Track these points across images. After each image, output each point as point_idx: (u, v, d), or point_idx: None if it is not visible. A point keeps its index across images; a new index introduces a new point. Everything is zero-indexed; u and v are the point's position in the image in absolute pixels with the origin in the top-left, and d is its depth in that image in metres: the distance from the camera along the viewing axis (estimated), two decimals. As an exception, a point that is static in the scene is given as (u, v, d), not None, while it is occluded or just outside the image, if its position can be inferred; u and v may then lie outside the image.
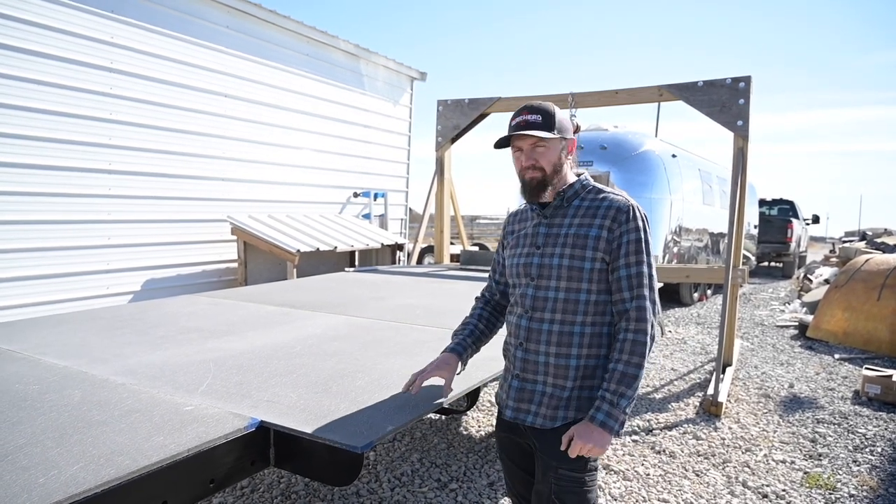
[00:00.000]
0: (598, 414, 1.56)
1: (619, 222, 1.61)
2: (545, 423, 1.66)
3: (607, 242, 1.61)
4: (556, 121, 1.66)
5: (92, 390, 1.91)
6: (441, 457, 3.43)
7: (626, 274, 1.60)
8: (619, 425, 1.56)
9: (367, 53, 8.58)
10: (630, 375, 1.56)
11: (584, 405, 1.64)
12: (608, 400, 1.56)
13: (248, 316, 3.22)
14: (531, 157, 1.66)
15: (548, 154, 1.66)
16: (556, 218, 1.70)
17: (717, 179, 10.25)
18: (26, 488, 1.26)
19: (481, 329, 1.93)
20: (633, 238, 1.61)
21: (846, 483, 3.22)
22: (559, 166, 1.68)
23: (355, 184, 8.67)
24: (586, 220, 1.65)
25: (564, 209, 1.70)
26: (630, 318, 1.59)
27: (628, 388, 1.55)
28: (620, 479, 3.22)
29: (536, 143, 1.65)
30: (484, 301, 1.99)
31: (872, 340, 6.10)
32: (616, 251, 1.61)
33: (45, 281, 5.23)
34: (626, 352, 1.57)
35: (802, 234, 15.10)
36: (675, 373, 5.36)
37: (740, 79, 4.88)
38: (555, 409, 1.65)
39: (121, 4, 5.63)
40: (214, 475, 1.55)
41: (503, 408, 1.77)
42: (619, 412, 1.55)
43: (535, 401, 1.68)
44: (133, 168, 5.84)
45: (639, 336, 1.58)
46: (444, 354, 1.87)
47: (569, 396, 1.64)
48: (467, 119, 6.21)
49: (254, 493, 2.98)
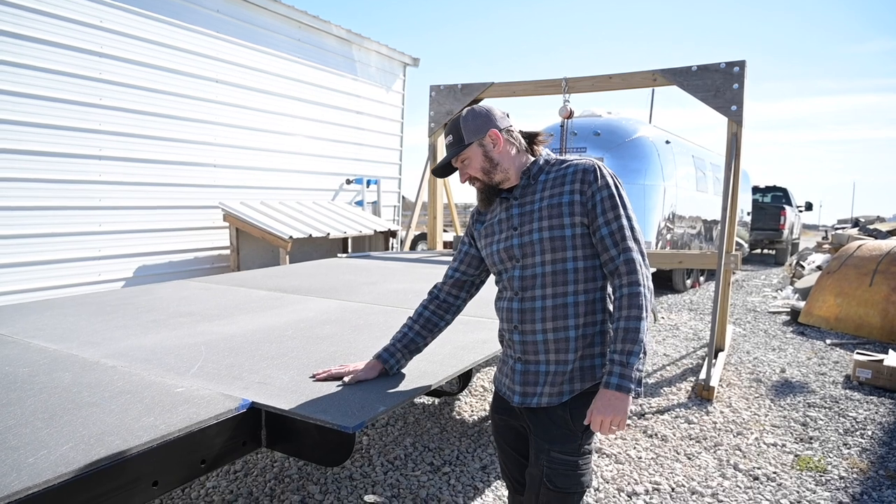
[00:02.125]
0: (612, 378, 1.52)
1: (587, 183, 1.61)
2: (552, 401, 1.64)
3: (581, 205, 1.61)
4: (463, 130, 1.70)
5: (82, 372, 1.89)
6: (434, 441, 3.44)
7: (608, 231, 1.59)
8: (637, 384, 1.51)
9: (360, 39, 8.50)
10: (633, 329, 1.52)
11: (587, 375, 1.63)
12: (618, 361, 1.52)
13: (239, 300, 3.20)
14: (464, 174, 1.72)
15: (472, 164, 1.70)
16: (526, 197, 1.70)
17: (710, 166, 10.26)
18: (15, 468, 1.26)
19: (416, 330, 1.93)
20: (606, 195, 1.60)
21: (836, 465, 3.25)
22: (491, 164, 1.69)
23: (348, 170, 8.62)
24: (556, 190, 1.65)
25: (533, 186, 1.70)
26: (621, 273, 1.58)
27: (634, 344, 1.51)
28: (612, 462, 3.24)
29: (461, 158, 1.71)
30: (430, 298, 1.97)
31: (864, 326, 6.14)
32: (592, 212, 1.61)
33: (36, 268, 5.19)
34: (623, 308, 1.55)
35: (795, 222, 15.14)
36: (668, 358, 5.38)
37: (734, 63, 4.86)
38: (560, 385, 1.63)
39: (109, -13, 5.56)
40: (205, 456, 1.54)
41: (510, 394, 1.74)
42: (632, 370, 1.50)
43: (540, 381, 1.66)
44: (124, 154, 5.79)
45: (633, 288, 1.55)
46: (369, 362, 1.94)
47: (572, 369, 1.63)
48: (460, 104, 6.17)
49: (247, 477, 2.99)
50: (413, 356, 1.96)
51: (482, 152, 1.69)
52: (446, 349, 2.25)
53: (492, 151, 1.69)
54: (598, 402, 1.53)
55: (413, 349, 1.94)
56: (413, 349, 1.94)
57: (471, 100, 6.12)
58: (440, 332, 1.96)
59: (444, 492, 2.86)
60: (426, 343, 1.95)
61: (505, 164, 1.70)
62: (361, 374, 1.89)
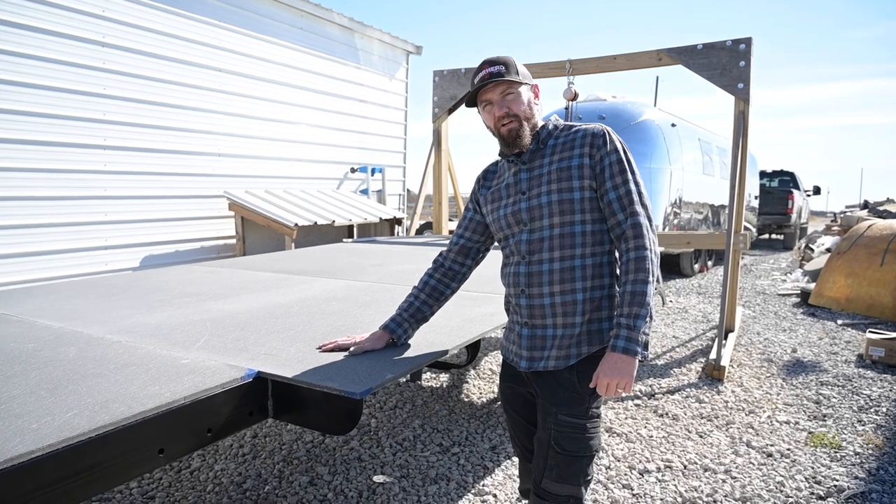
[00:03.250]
0: (618, 341, 1.51)
1: (596, 147, 1.60)
2: (559, 364, 1.62)
3: (590, 169, 1.60)
4: (516, 66, 1.65)
5: (87, 347, 1.88)
6: (443, 423, 3.42)
7: (616, 196, 1.58)
8: (643, 347, 1.51)
9: (362, 27, 8.45)
10: (639, 293, 1.52)
11: (594, 338, 1.61)
12: (624, 325, 1.51)
13: (245, 282, 3.18)
14: (503, 106, 1.63)
15: (518, 101, 1.64)
16: (535, 161, 1.68)
17: (717, 150, 10.15)
18: (19, 433, 1.24)
19: (422, 299, 1.90)
20: (615, 159, 1.59)
21: (851, 442, 3.21)
22: (530, 113, 1.67)
23: (352, 159, 8.59)
24: (566, 154, 1.64)
25: (542, 150, 1.68)
26: (628, 237, 1.56)
27: (641, 308, 1.51)
28: (623, 441, 3.21)
29: (506, 91, 1.63)
30: (435, 266, 1.94)
31: (875, 306, 6.08)
32: (601, 175, 1.59)
33: (43, 257, 5.20)
34: (630, 271, 1.54)
35: (803, 206, 15.00)
36: (677, 340, 5.34)
37: (741, 41, 4.80)
38: (567, 349, 1.62)
39: (110, -24, 5.53)
40: (212, 425, 1.52)
41: (517, 360, 1.72)
42: (638, 333, 1.50)
43: (547, 346, 1.64)
44: (129, 144, 5.78)
45: (640, 252, 1.54)
46: (375, 332, 1.90)
47: (579, 332, 1.61)
48: (464, 89, 6.12)
49: (256, 459, 2.98)
50: (420, 325, 1.94)
51: (528, 97, 1.67)
52: (454, 322, 2.22)
53: (533, 101, 1.68)
54: (604, 365, 1.53)
55: (420, 318, 1.91)
56: (420, 318, 1.91)
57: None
58: (446, 300, 1.94)
59: (454, 471, 2.84)
60: (432, 312, 1.93)
61: (536, 118, 1.69)
62: (368, 345, 1.86)
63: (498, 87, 1.63)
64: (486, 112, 1.68)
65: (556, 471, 1.60)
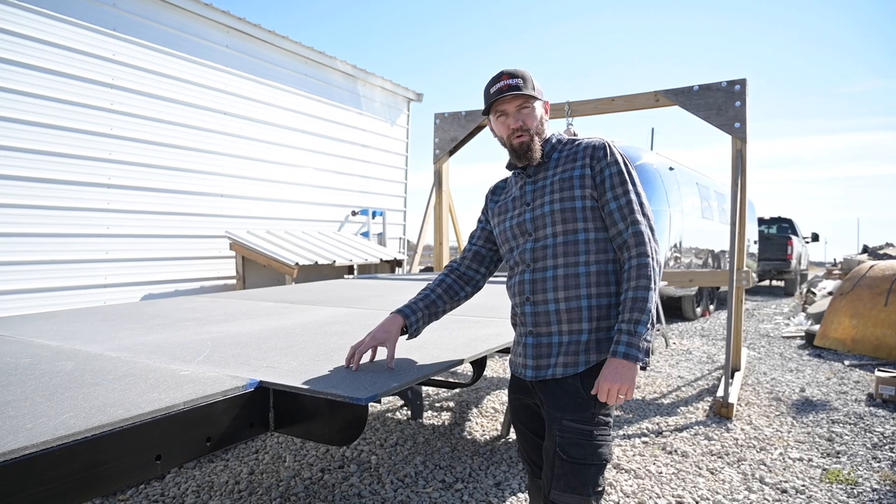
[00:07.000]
0: (619, 347, 1.51)
1: (597, 158, 1.64)
2: (566, 372, 1.60)
3: (591, 179, 1.63)
4: (533, 82, 1.68)
5: (85, 361, 1.83)
6: (445, 459, 3.32)
7: (617, 206, 1.60)
8: (644, 353, 1.50)
9: (365, 74, 8.67)
10: (640, 299, 1.52)
11: (604, 347, 1.59)
12: (625, 331, 1.51)
13: (247, 309, 3.15)
14: (518, 119, 1.66)
15: (532, 116, 1.68)
16: (539, 174, 1.72)
17: (715, 195, 10.24)
18: (12, 431, 1.19)
19: (438, 293, 1.87)
20: (615, 171, 1.62)
21: (868, 478, 3.11)
22: (541, 128, 1.71)
23: (354, 202, 8.66)
24: (568, 166, 1.67)
25: (546, 164, 1.72)
26: (629, 245, 1.58)
27: (642, 313, 1.51)
28: (632, 477, 3.11)
29: (522, 105, 1.66)
30: (449, 269, 1.95)
31: (882, 346, 6.00)
32: (601, 186, 1.62)
33: (42, 294, 5.15)
34: (632, 278, 1.55)
35: (803, 252, 15.04)
36: (682, 380, 5.25)
37: (736, 81, 4.91)
38: (575, 355, 1.60)
39: (122, 22, 5.70)
40: (211, 434, 1.46)
41: (523, 370, 1.70)
42: (639, 339, 1.50)
43: (553, 353, 1.62)
44: (132, 183, 5.82)
45: (642, 259, 1.56)
46: (387, 317, 1.80)
47: (587, 340, 1.59)
48: (464, 131, 6.22)
49: (252, 496, 2.87)
50: (431, 321, 1.88)
51: (541, 113, 1.71)
52: (460, 340, 2.18)
53: (544, 117, 1.73)
54: (605, 371, 1.52)
55: (433, 312, 1.86)
56: (433, 312, 1.86)
57: (475, 126, 6.17)
58: (459, 303, 1.91)
59: (458, 505, 2.74)
60: (444, 311, 1.89)
61: (545, 134, 1.73)
62: (380, 333, 1.75)
63: (515, 99, 1.66)
64: (500, 122, 1.70)
65: (563, 480, 1.55)
